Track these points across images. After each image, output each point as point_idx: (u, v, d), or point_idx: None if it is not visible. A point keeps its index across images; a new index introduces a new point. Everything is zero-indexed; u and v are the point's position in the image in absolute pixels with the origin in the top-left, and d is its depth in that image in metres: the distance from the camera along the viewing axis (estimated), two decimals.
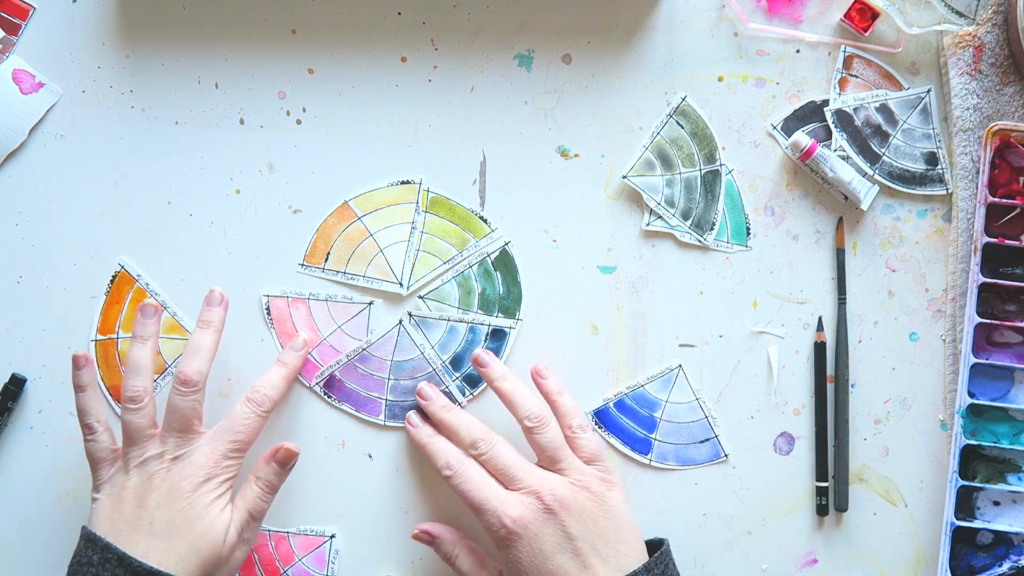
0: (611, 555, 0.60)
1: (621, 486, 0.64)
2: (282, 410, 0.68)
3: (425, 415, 0.67)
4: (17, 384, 0.68)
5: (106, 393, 0.68)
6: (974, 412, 0.68)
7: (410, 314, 0.68)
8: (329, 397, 0.68)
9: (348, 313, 0.68)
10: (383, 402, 0.68)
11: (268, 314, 0.68)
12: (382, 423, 0.68)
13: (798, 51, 0.69)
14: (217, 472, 0.61)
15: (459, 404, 0.68)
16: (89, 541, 0.59)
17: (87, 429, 0.63)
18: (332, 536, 0.68)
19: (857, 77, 0.69)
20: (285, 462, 0.64)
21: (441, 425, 0.65)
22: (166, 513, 0.60)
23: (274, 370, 0.65)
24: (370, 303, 0.68)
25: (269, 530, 0.68)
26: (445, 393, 0.68)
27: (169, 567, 0.58)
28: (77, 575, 0.58)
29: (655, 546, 0.64)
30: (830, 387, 0.69)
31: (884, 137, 0.69)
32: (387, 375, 0.68)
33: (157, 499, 0.60)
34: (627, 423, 0.69)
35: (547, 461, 0.63)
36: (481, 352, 0.67)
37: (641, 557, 0.61)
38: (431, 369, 0.68)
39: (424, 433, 0.66)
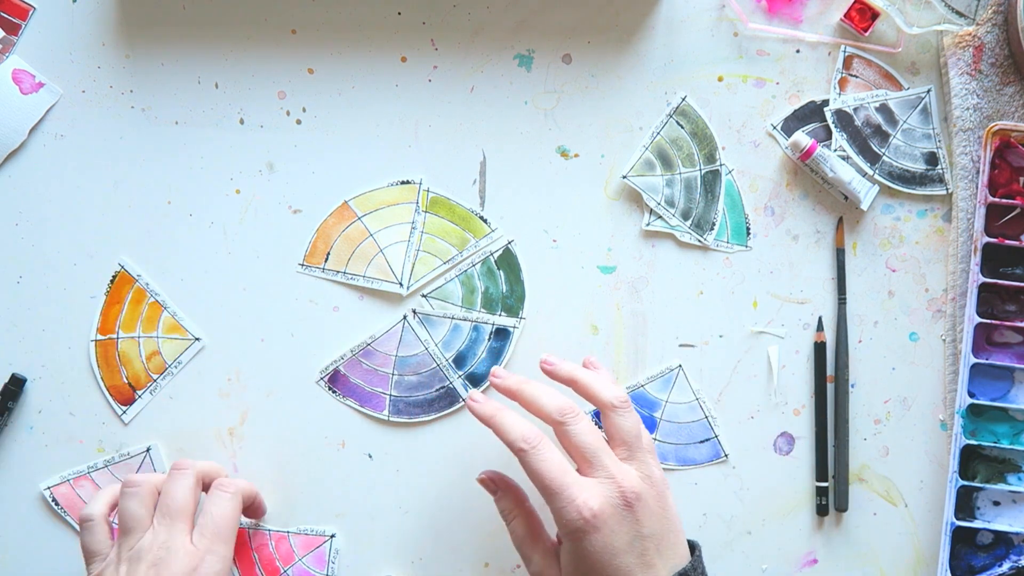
0: (670, 555, 0.59)
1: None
2: (283, 410, 0.68)
3: (453, 398, 0.66)
4: (17, 384, 0.68)
5: (106, 393, 0.68)
6: (974, 412, 0.68)
7: (414, 311, 0.68)
8: (333, 392, 0.68)
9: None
10: (387, 397, 0.68)
11: None
12: (386, 419, 0.68)
13: (798, 51, 0.69)
14: (202, 565, 0.59)
15: (463, 401, 0.68)
16: None
17: (84, 520, 0.62)
18: (332, 536, 0.68)
19: (857, 77, 0.69)
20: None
21: (521, 395, 0.62)
22: None
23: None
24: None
25: (269, 530, 0.68)
26: (450, 389, 0.68)
27: None
28: None
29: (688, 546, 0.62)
30: (830, 387, 0.69)
31: (884, 137, 0.69)
32: (391, 370, 0.68)
33: None
34: None
35: (623, 449, 0.60)
36: (547, 355, 0.65)
37: (686, 555, 0.60)
38: (435, 365, 0.68)
39: (492, 406, 0.61)
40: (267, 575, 0.68)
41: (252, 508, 0.66)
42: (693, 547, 0.62)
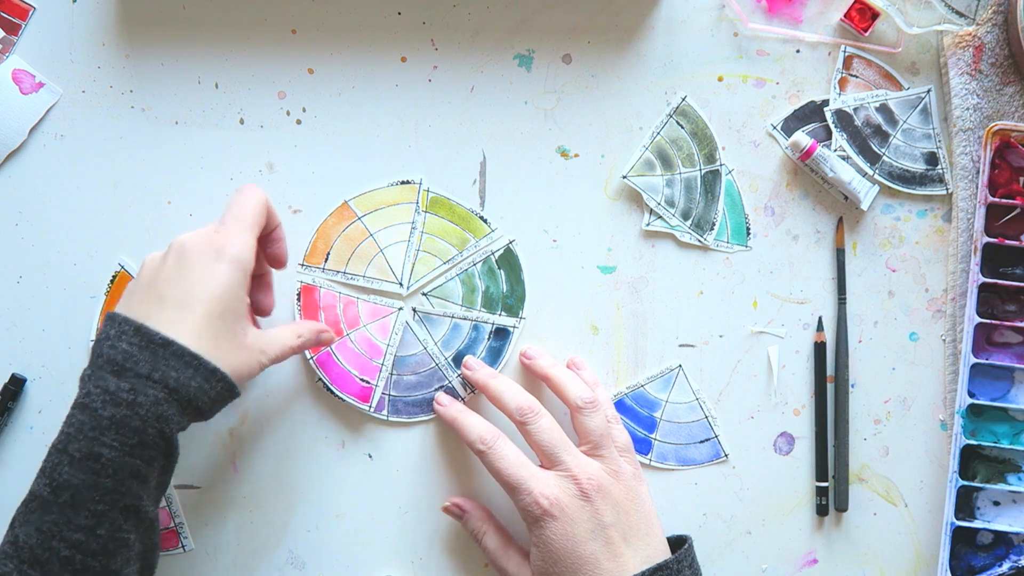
0: (640, 546, 0.60)
1: (646, 482, 0.64)
2: (283, 410, 0.68)
3: (452, 396, 0.67)
4: (17, 384, 0.68)
5: None
6: (974, 412, 0.68)
7: (414, 309, 0.68)
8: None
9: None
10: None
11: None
12: (385, 418, 0.68)
13: (798, 51, 0.69)
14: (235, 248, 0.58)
15: (462, 399, 0.68)
16: (108, 319, 0.57)
17: None
18: (400, 309, 0.68)
19: (857, 77, 0.69)
20: (328, 343, 0.66)
21: (487, 390, 0.65)
22: (178, 287, 0.57)
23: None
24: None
25: (340, 292, 0.68)
26: (448, 389, 0.68)
27: (184, 338, 0.55)
28: (98, 350, 0.56)
29: (676, 542, 0.64)
30: (830, 387, 0.69)
31: (884, 137, 0.69)
32: (389, 367, 0.68)
33: (169, 271, 0.57)
34: (627, 423, 0.69)
35: (588, 446, 0.62)
36: (527, 348, 0.67)
37: (665, 551, 0.62)
38: (434, 365, 0.68)
39: (455, 408, 0.65)
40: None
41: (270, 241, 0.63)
42: (683, 540, 0.63)
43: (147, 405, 0.54)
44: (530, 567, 0.62)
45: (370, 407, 0.68)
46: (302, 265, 0.68)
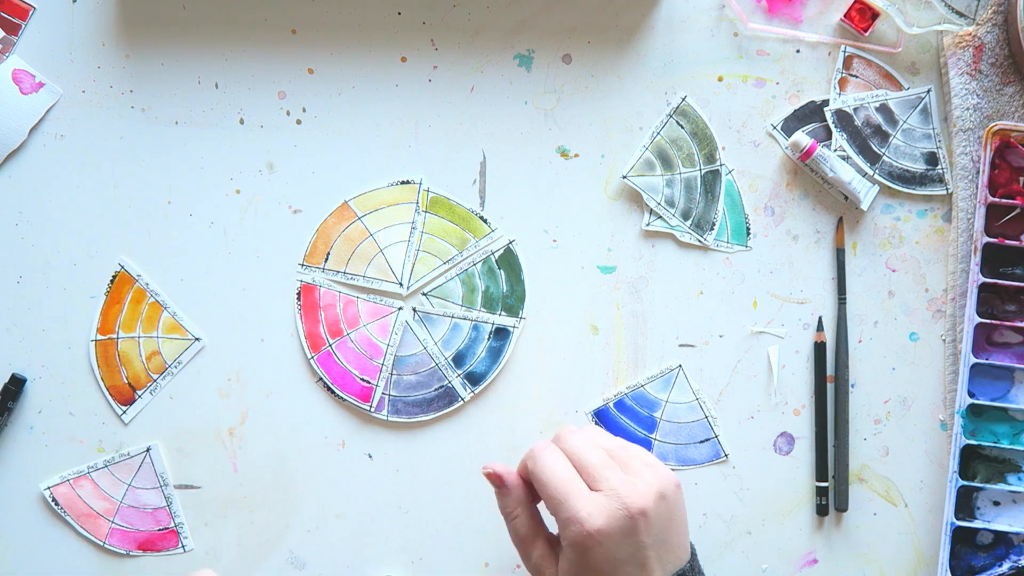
0: (669, 558, 0.58)
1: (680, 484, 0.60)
2: (283, 410, 0.68)
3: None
4: (17, 384, 0.68)
5: (106, 393, 0.68)
6: (974, 412, 0.68)
7: (414, 309, 0.68)
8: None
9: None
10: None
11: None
12: (385, 419, 0.68)
13: (798, 51, 0.69)
14: None
15: (461, 400, 0.68)
16: None
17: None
18: (400, 308, 0.68)
19: (857, 77, 0.69)
20: None
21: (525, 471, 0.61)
22: None
23: None
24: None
25: (339, 291, 0.68)
26: (448, 388, 0.68)
27: None
28: None
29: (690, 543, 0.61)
30: (830, 387, 0.69)
31: (884, 137, 0.69)
32: (389, 367, 0.68)
33: None
34: (627, 423, 0.69)
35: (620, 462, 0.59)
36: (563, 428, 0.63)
37: (685, 555, 0.59)
38: (434, 364, 0.68)
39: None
40: (330, 335, 0.68)
41: None
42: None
43: None
44: (556, 564, 0.59)
45: (370, 407, 0.68)
46: (302, 265, 0.68)
